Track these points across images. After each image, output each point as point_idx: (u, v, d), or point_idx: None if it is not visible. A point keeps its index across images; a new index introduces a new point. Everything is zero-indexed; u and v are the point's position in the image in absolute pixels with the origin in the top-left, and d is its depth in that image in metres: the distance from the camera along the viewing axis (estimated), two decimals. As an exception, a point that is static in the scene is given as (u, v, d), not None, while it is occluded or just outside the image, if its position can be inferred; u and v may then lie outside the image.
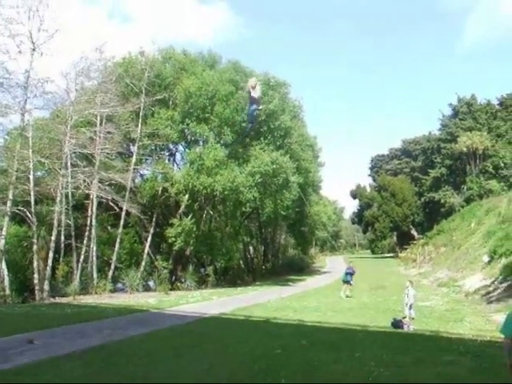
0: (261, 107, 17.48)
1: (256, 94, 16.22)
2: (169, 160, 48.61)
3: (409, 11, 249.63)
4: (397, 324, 18.57)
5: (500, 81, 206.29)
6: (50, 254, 35.26)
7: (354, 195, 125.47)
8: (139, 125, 41.26)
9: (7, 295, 34.60)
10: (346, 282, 33.95)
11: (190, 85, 41.96)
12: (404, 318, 20.42)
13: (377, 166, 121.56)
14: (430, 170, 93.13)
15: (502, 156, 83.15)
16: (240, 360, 12.92)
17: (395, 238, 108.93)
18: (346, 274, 34.43)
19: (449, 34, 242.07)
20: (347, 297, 32.36)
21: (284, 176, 42.43)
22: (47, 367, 12.02)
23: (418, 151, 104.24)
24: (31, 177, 36.05)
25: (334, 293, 35.15)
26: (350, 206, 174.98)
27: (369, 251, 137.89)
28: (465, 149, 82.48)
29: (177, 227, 41.21)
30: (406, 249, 74.84)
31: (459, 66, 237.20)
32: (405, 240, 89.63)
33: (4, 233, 34.67)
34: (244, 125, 42.39)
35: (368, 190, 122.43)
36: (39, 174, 41.10)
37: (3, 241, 34.74)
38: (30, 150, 35.79)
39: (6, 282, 35.24)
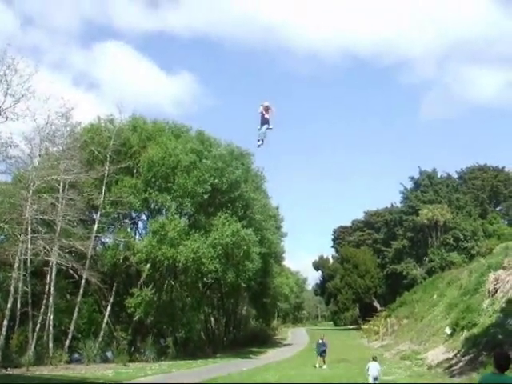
0: (271, 126, 17.81)
1: (269, 115, 17.27)
2: (131, 228, 48.31)
3: (371, 83, 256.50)
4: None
5: (457, 155, 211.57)
6: (5, 322, 34.23)
7: (316, 266, 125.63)
8: (103, 192, 41.15)
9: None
10: (320, 354, 35.04)
11: (153, 154, 42.28)
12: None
13: (339, 237, 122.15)
14: (392, 242, 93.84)
15: (462, 228, 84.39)
16: None
17: (358, 310, 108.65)
18: (319, 346, 35.57)
19: (408, 107, 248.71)
20: (320, 367, 33.76)
21: (246, 248, 42.47)
22: None
23: (381, 223, 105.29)
24: (-11, 242, 35.41)
25: (295, 366, 34.76)
26: (313, 278, 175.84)
27: (331, 323, 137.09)
28: (426, 221, 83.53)
29: (137, 297, 40.60)
30: (369, 321, 74.52)
31: (419, 139, 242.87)
32: (367, 312, 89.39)
33: (-43, 299, 33.78)
34: (206, 197, 42.66)
35: (331, 261, 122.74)
36: (-2, 239, 40.41)
37: (-45, 307, 33.79)
38: (-11, 215, 35.28)
39: (-44, 350, 34.02)
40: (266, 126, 17.60)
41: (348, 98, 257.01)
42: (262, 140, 18.99)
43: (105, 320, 41.52)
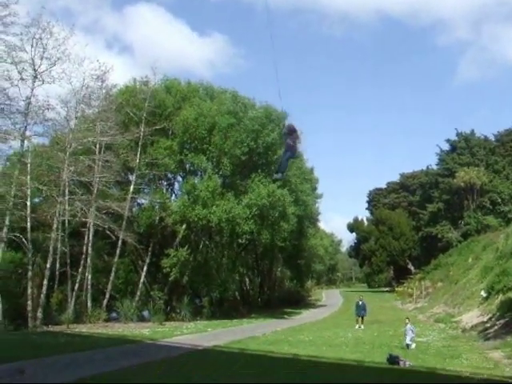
0: (295, 155, 16.49)
1: (293, 141, 15.46)
2: (167, 190, 48.67)
3: (405, 45, 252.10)
4: (393, 360, 18.28)
5: (495, 118, 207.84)
6: (45, 282, 35.02)
7: (351, 228, 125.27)
8: (138, 154, 41.37)
9: (0, 322, 34.32)
10: (358, 314, 35.65)
11: (188, 115, 42.19)
12: (408, 345, 21.99)
13: (374, 199, 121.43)
14: (427, 205, 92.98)
15: (499, 192, 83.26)
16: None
17: (392, 272, 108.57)
18: (358, 307, 36.03)
19: (444, 69, 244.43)
20: (359, 327, 34.10)
21: (281, 208, 42.34)
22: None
23: (416, 185, 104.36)
24: (28, 203, 36.00)
25: (329, 327, 34.92)
26: (347, 240, 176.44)
27: (365, 285, 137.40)
28: (462, 184, 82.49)
29: (173, 257, 41.01)
30: (403, 283, 74.46)
31: (455, 101, 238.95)
32: (401, 274, 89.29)
33: (-1, 259, 34.59)
34: (244, 158, 42.50)
35: (365, 223, 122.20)
36: (36, 200, 41.12)
37: (-2, 267, 34.65)
38: (28, 177, 35.81)
39: (-1, 309, 34.99)
40: (288, 155, 15.96)
41: (382, 60, 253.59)
42: (282, 172, 18.19)
43: (141, 280, 42.16)
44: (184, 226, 42.54)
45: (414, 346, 22.72)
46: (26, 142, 36.52)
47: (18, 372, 14.76)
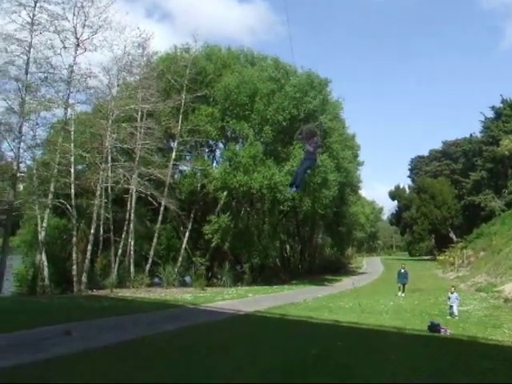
0: (315, 164, 14.54)
1: (314, 147, 13.24)
2: (208, 157, 48.91)
3: (449, 11, 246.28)
4: (434, 328, 18.21)
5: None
6: (89, 247, 35.79)
7: (392, 196, 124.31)
8: (180, 121, 41.58)
9: (46, 286, 35.27)
10: (401, 283, 35.58)
11: (229, 82, 42.07)
12: (453, 313, 22.30)
13: (416, 167, 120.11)
14: (470, 173, 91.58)
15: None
16: (272, 360, 12.80)
17: (433, 241, 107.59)
18: (400, 275, 35.95)
19: (490, 34, 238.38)
20: (401, 295, 34.11)
21: (323, 175, 42.12)
22: (80, 359, 12.11)
23: (459, 153, 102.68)
24: (72, 170, 36.66)
25: (370, 294, 34.87)
26: (389, 207, 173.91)
27: (406, 253, 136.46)
28: (507, 152, 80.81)
29: (214, 224, 41.40)
30: (444, 252, 73.67)
31: (499, 68, 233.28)
32: (443, 243, 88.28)
33: (45, 225, 35.35)
34: (285, 125, 42.22)
35: (407, 191, 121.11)
36: (80, 167, 41.67)
37: (44, 233, 35.44)
38: (72, 144, 36.43)
39: (46, 273, 35.94)
40: (307, 165, 13.74)
41: (427, 25, 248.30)
42: (298, 186, 14.57)
43: (183, 246, 42.70)
44: (225, 193, 42.77)
45: (456, 314, 22.67)
46: (69, 109, 37.12)
47: (65, 333, 15.17)
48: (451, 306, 22.95)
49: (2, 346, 13.28)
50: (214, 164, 48.29)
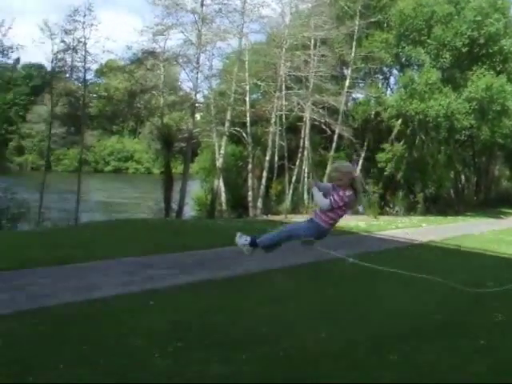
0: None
1: (338, 198, 6.15)
2: (382, 84, 47.88)
3: None
4: None
5: None
6: (264, 174, 36.95)
7: None
8: (353, 48, 40.86)
9: (224, 210, 37.05)
10: None
11: (404, 6, 40.51)
12: None
13: None
14: None
15: None
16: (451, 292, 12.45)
17: None
18: None
19: None
20: None
21: (501, 101, 39.71)
22: (258, 277, 12.62)
23: None
24: (247, 99, 37.69)
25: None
26: None
27: None
28: None
29: (388, 152, 40.97)
30: None
31: None
32: None
33: (222, 152, 36.83)
34: (464, 50, 40.12)
35: None
36: (255, 96, 42.61)
37: (221, 159, 36.96)
38: (247, 73, 37.32)
39: (223, 198, 37.74)
40: (302, 233, 6.44)
41: None
42: (266, 247, 7.13)
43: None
44: (399, 121, 41.88)
45: None
46: (243, 39, 37.80)
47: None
48: None
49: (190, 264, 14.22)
50: (388, 91, 47.30)
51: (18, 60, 78.09)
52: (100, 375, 6.08)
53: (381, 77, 48.07)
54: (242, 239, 6.41)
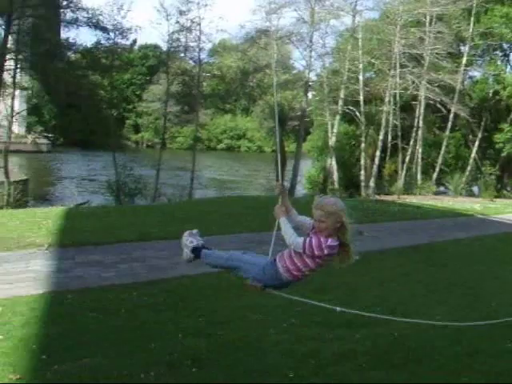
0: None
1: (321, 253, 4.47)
2: (501, 61, 45.76)
3: None
4: None
5: None
6: (377, 153, 36.54)
7: None
8: (471, 23, 39.36)
9: (336, 189, 36.98)
10: None
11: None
12: None
13: None
14: None
15: None
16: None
17: None
18: None
19: None
20: None
21: None
22: (373, 258, 12.50)
23: None
24: (361, 77, 37.35)
25: None
26: None
27: None
28: None
29: (506, 133, 39.41)
30: None
31: None
32: None
33: (335, 131, 36.79)
34: None
35: None
36: (368, 74, 42.06)
37: (334, 138, 36.95)
38: (360, 51, 36.96)
39: (335, 177, 37.74)
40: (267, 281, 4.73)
41: None
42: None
43: (472, 155, 41.35)
44: (520, 100, 40.18)
45: None
46: (357, 17, 37.37)
47: (358, 233, 15.75)
48: None
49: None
50: (508, 69, 45.15)
51: (135, 41, 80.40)
52: (215, 345, 6.31)
53: (500, 54, 45.94)
54: (189, 240, 4.85)
